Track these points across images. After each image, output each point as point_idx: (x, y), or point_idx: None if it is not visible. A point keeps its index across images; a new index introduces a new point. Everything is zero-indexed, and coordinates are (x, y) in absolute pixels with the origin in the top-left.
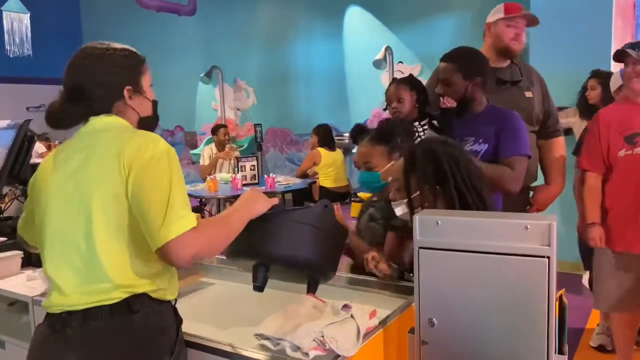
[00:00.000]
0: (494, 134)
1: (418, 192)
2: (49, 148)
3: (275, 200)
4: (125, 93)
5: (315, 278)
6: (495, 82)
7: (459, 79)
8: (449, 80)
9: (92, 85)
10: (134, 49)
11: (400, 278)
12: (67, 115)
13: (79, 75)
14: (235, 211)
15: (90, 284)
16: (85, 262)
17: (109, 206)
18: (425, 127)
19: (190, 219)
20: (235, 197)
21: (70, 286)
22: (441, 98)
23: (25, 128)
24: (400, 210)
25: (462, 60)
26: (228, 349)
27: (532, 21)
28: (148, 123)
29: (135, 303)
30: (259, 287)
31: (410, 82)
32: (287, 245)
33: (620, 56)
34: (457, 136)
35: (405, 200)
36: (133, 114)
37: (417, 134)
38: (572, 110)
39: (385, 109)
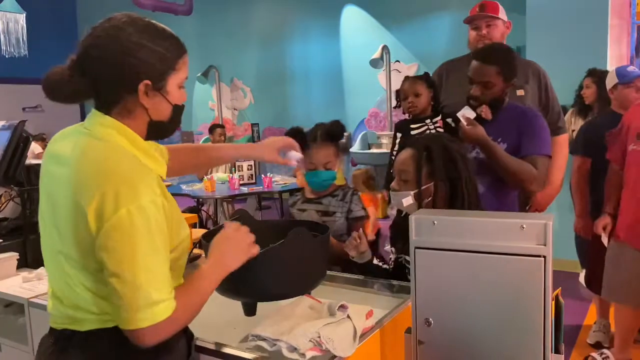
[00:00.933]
0: (515, 133)
1: (428, 185)
2: (45, 148)
3: (255, 251)
4: (141, 87)
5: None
6: None
7: (500, 82)
8: (490, 83)
9: (102, 62)
10: (176, 36)
11: (370, 261)
12: (67, 84)
13: (94, 45)
14: (209, 278)
15: (83, 309)
16: (75, 286)
17: (74, 251)
18: (437, 125)
19: (165, 307)
20: (233, 197)
21: (70, 306)
22: (478, 107)
23: (21, 129)
24: (407, 200)
25: (504, 61)
26: (224, 350)
27: (490, 15)
28: (159, 130)
29: None
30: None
31: (426, 78)
32: (274, 284)
33: None
34: None
35: (413, 192)
36: (143, 116)
37: (428, 131)
38: (569, 115)
39: (396, 106)
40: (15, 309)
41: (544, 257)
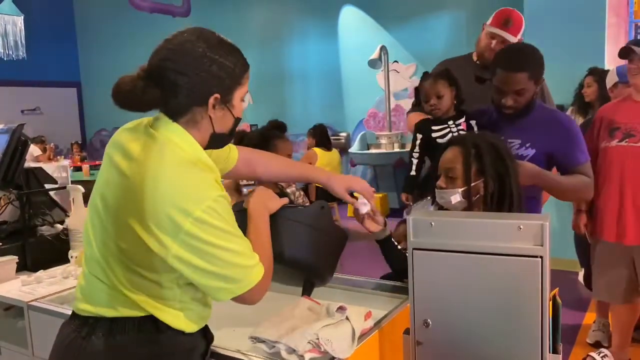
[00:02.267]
0: (546, 139)
1: (477, 182)
2: (44, 150)
3: (285, 200)
4: (211, 101)
5: (311, 280)
6: (475, 79)
7: (532, 86)
8: (522, 90)
9: (176, 76)
10: (240, 51)
11: (387, 238)
12: (139, 94)
13: (168, 59)
14: (263, 221)
15: (116, 299)
16: (108, 277)
17: (128, 245)
18: (460, 127)
19: (259, 269)
20: None
21: (103, 294)
22: (511, 113)
23: (19, 132)
24: (455, 198)
25: (532, 64)
26: (223, 352)
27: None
28: (218, 141)
29: (161, 321)
30: None
31: (448, 76)
32: (282, 244)
33: (625, 54)
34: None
35: (462, 189)
36: (207, 127)
37: (451, 134)
38: (569, 114)
39: (417, 104)
40: (15, 312)
41: (541, 257)
